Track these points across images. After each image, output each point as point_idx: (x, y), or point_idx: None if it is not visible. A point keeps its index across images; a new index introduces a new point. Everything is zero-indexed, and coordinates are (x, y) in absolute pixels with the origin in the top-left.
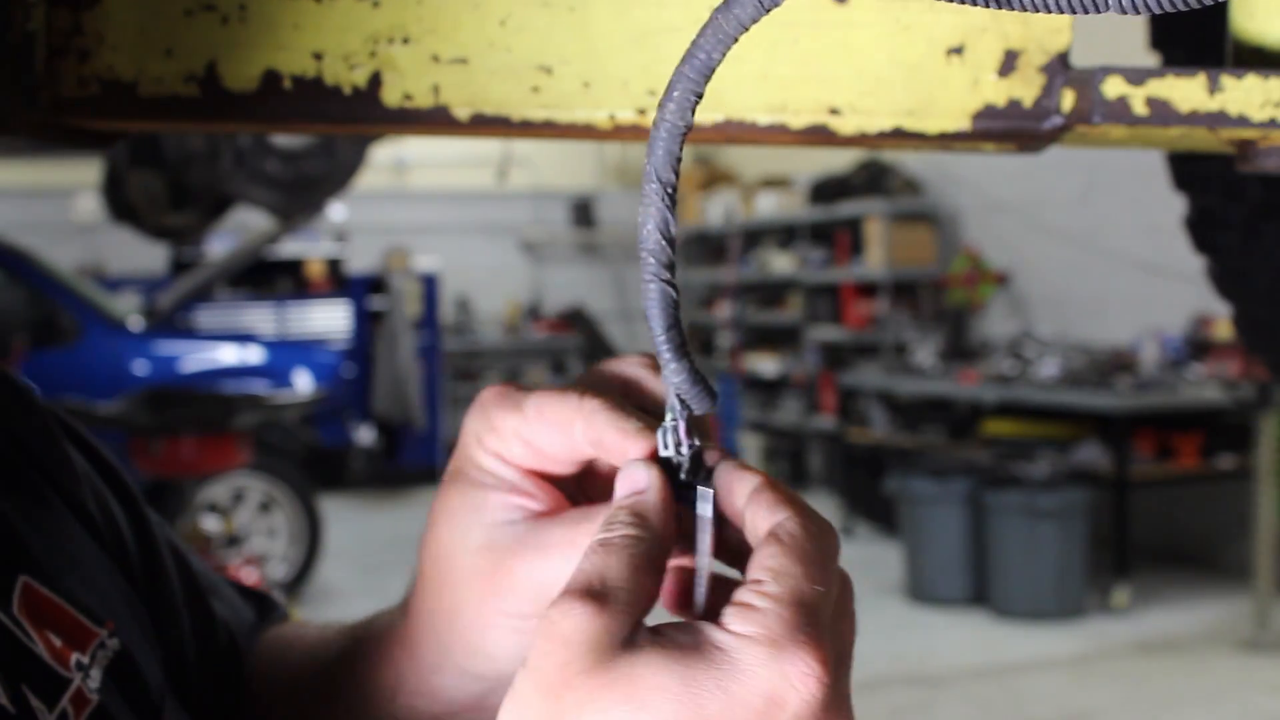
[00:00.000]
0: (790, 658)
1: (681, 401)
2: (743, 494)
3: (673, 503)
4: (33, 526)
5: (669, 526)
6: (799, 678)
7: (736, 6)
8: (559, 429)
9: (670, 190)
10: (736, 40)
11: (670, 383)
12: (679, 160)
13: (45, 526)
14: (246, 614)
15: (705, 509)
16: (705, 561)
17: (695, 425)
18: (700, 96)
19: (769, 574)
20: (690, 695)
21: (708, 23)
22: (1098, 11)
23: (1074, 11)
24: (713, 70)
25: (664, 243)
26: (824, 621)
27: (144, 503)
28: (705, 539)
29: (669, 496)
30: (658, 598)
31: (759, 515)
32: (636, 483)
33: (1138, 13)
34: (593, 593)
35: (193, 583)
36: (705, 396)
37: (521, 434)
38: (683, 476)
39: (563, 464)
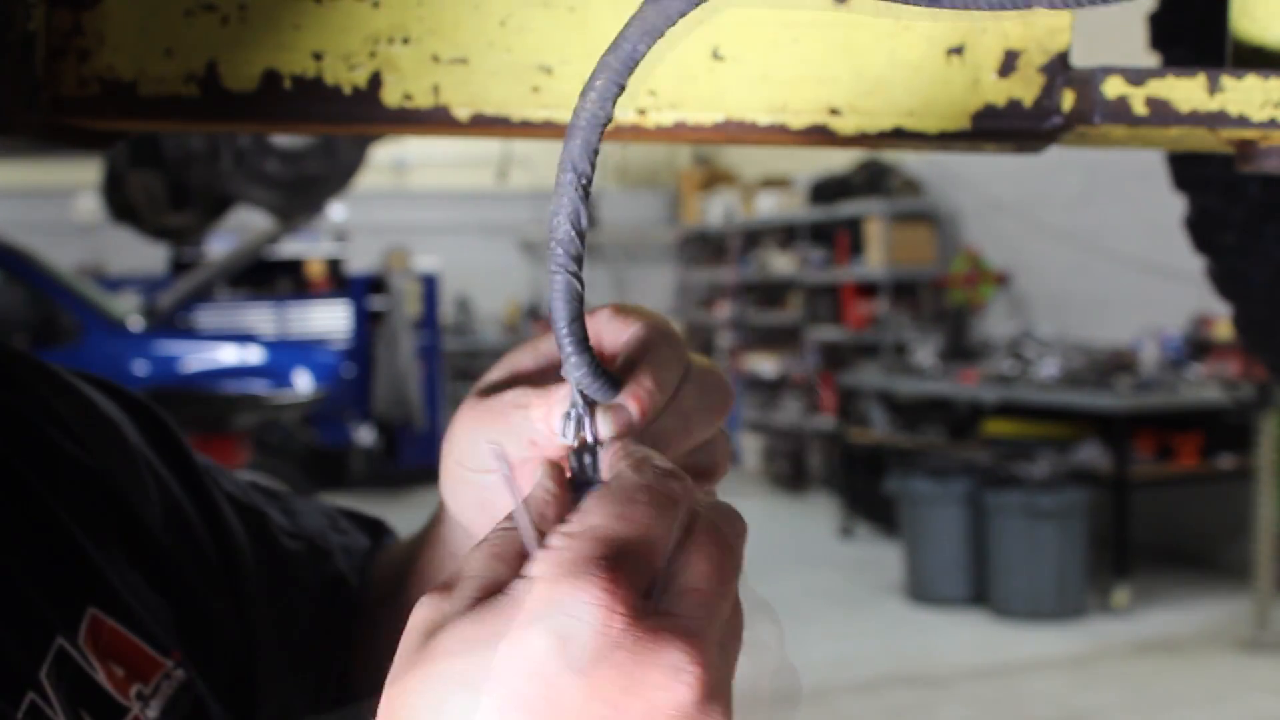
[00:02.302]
0: (570, 589)
1: (583, 395)
2: (607, 461)
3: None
4: (105, 556)
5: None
6: (581, 609)
7: (666, 0)
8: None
9: (585, 182)
10: (663, 34)
11: (571, 376)
12: (596, 152)
13: (120, 555)
14: (361, 542)
15: (501, 471)
16: (523, 524)
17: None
18: (622, 88)
19: (576, 516)
20: (473, 650)
21: (635, 14)
22: (1104, 3)
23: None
24: (637, 62)
25: (574, 234)
26: (627, 554)
27: (220, 495)
28: (522, 518)
29: (558, 493)
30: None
31: (606, 472)
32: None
33: None
34: (443, 584)
35: (278, 556)
36: (607, 388)
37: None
38: (571, 471)
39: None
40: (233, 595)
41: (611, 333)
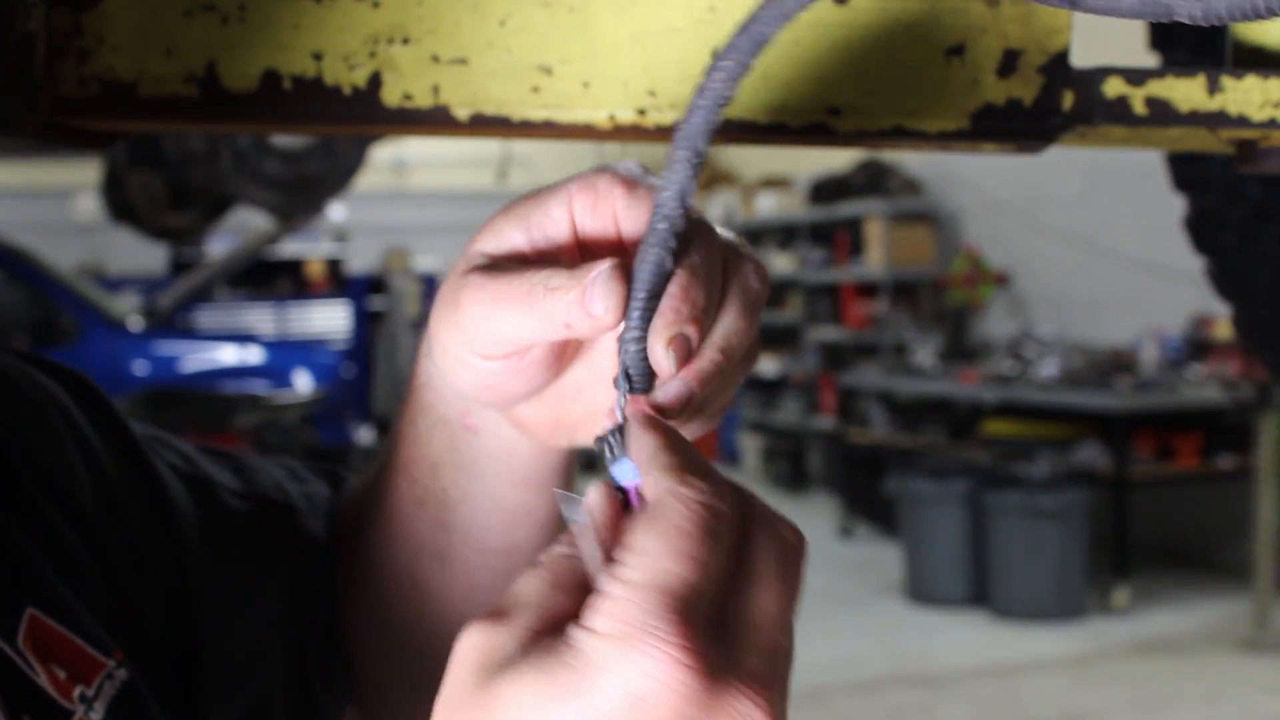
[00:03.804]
0: (644, 650)
1: (627, 374)
2: (639, 453)
3: (619, 517)
4: (44, 553)
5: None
6: (654, 667)
7: None
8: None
9: (698, 160)
10: (793, 18)
11: (626, 350)
12: (714, 132)
13: (55, 551)
14: (321, 489)
15: (575, 513)
16: (593, 563)
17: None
18: (748, 72)
19: (629, 555)
20: (544, 707)
21: None
22: (1165, 19)
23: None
24: (765, 45)
25: (681, 212)
26: (693, 601)
27: (161, 466)
28: (586, 544)
29: (613, 513)
30: (577, 615)
31: (649, 478)
32: (587, 507)
33: (1207, 22)
34: (496, 611)
35: (227, 523)
36: (645, 378)
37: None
38: (609, 457)
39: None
40: (175, 567)
41: (630, 221)
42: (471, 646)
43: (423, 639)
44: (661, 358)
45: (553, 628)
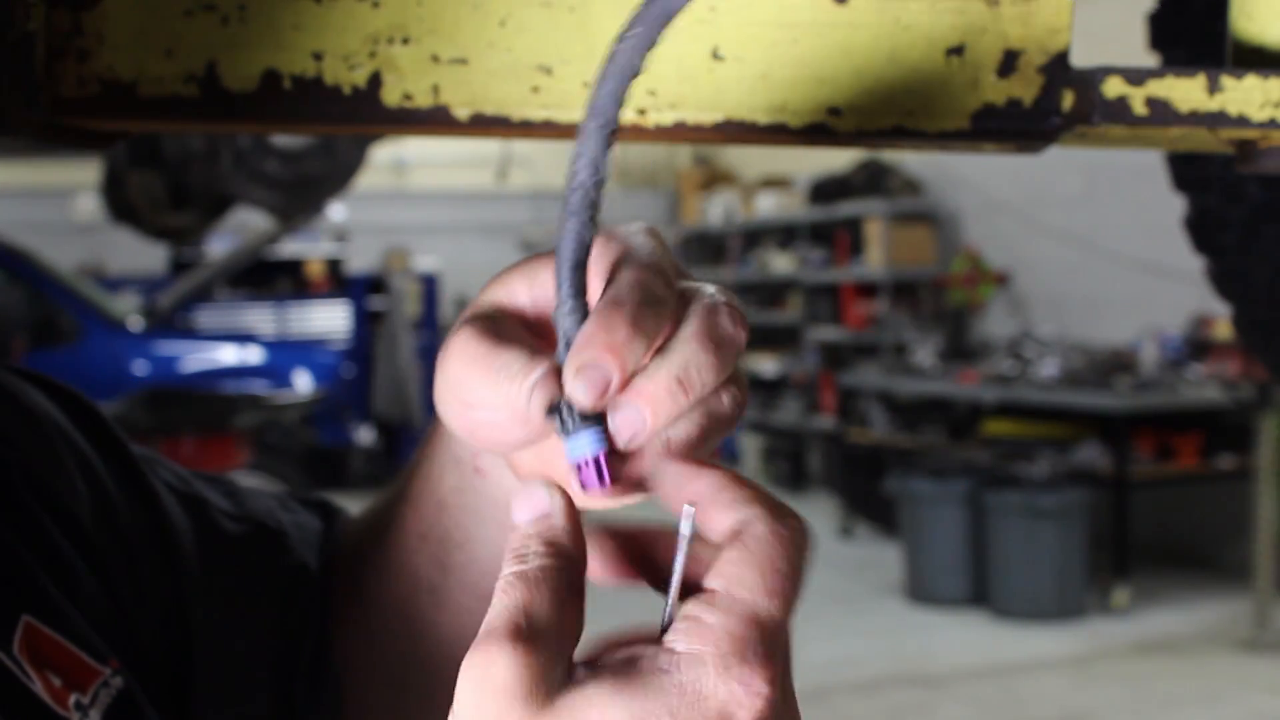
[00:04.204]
0: (740, 678)
1: (567, 344)
2: (699, 491)
3: (579, 519)
4: (40, 560)
5: (581, 547)
6: (749, 698)
7: None
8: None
9: (610, 131)
10: None
11: (561, 324)
12: (623, 103)
13: (51, 560)
14: (312, 521)
15: (686, 528)
16: (677, 582)
17: None
18: (654, 43)
19: (725, 584)
20: None
21: None
22: None
23: None
24: (671, 17)
25: (592, 182)
26: (780, 635)
27: (159, 483)
28: (681, 560)
29: (576, 515)
30: (583, 625)
31: (721, 512)
32: (539, 506)
33: None
34: (520, 634)
35: (223, 544)
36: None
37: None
38: (560, 429)
39: None
40: (172, 584)
41: (598, 273)
42: (510, 677)
43: (413, 674)
44: (572, 388)
45: (575, 643)
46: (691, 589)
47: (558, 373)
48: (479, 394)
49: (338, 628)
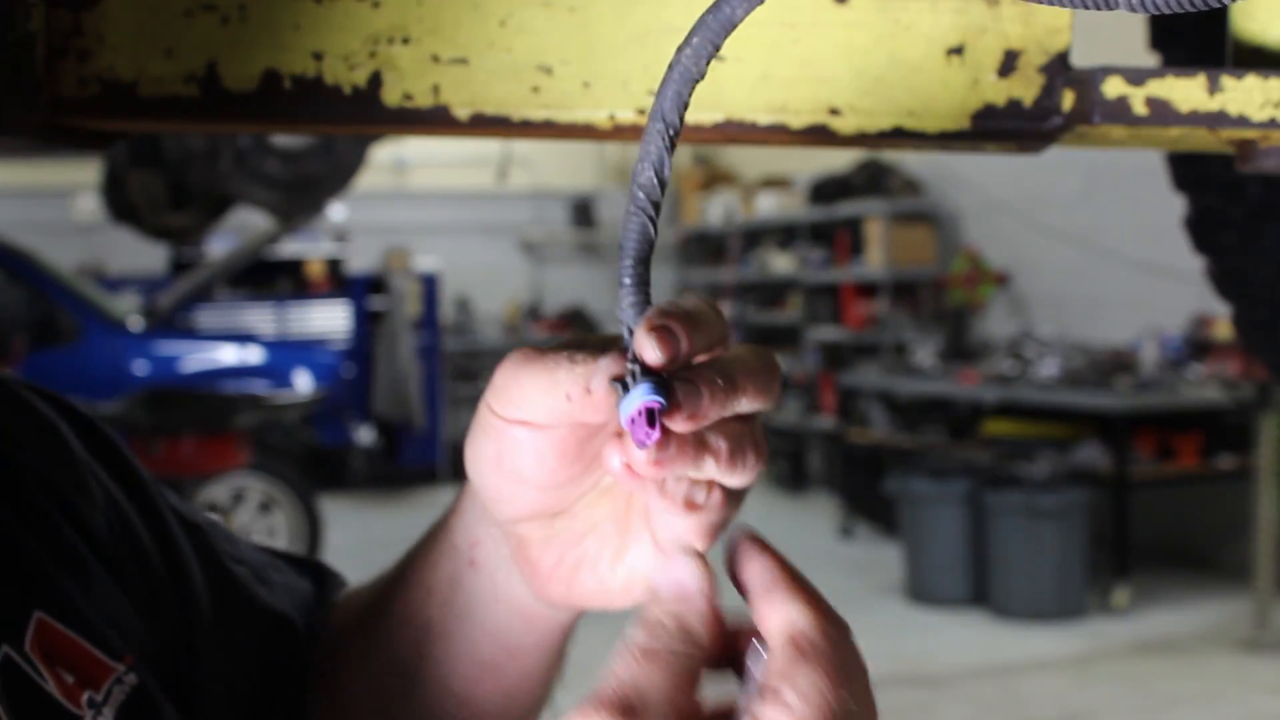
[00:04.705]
0: None
1: (630, 334)
2: (754, 575)
3: (719, 611)
4: (53, 558)
5: (714, 638)
6: None
7: None
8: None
9: (672, 133)
10: (762, 1)
11: (625, 315)
12: (686, 106)
13: (65, 558)
14: (303, 588)
15: (757, 668)
16: (753, 686)
17: None
18: (718, 48)
19: (793, 687)
20: None
21: None
22: (1108, 9)
23: (1083, 7)
24: (734, 25)
25: (656, 182)
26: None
27: (164, 502)
28: (756, 673)
29: (715, 604)
30: (699, 717)
31: (771, 606)
32: (683, 583)
33: (1146, 11)
34: (627, 711)
35: (225, 578)
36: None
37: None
38: (623, 392)
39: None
40: (180, 610)
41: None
42: None
43: None
44: (643, 345)
45: None
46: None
47: (621, 356)
48: (530, 385)
49: (313, 692)
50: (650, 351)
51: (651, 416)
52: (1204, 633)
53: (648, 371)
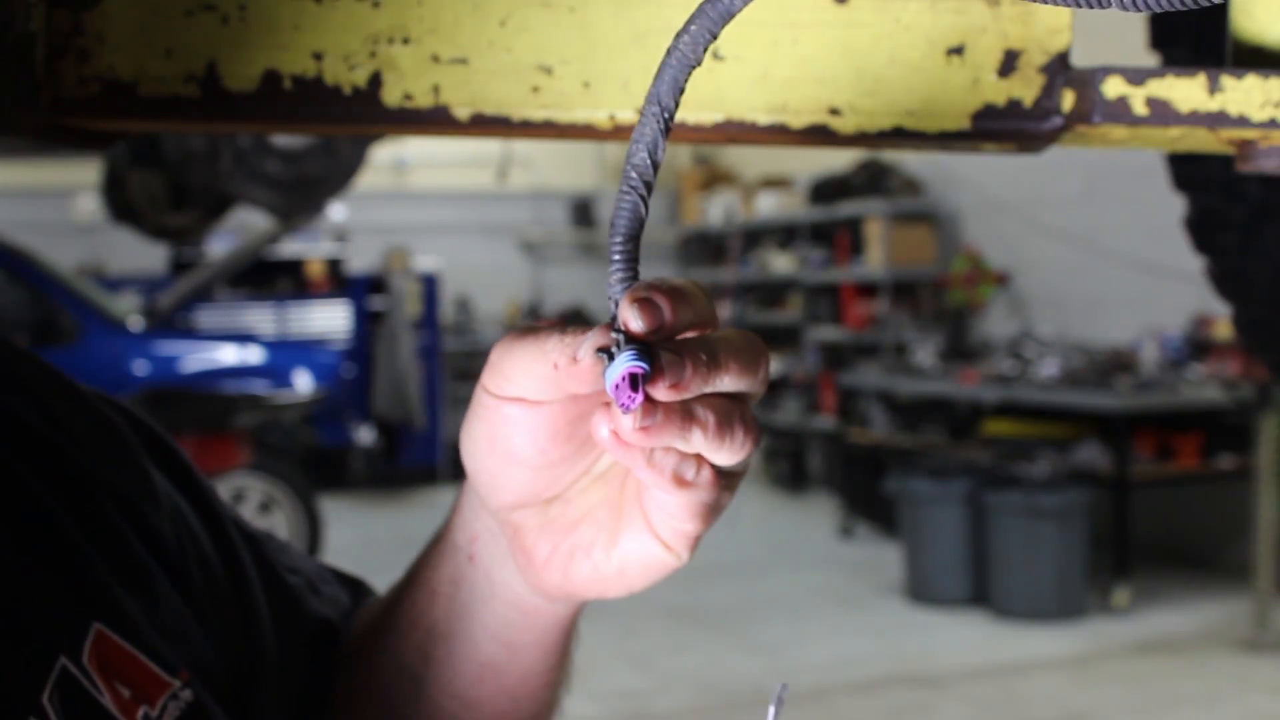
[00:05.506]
0: None
1: (617, 305)
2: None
3: None
4: (113, 568)
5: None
6: None
7: None
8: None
9: (667, 116)
10: None
11: (613, 290)
12: (682, 91)
13: (125, 567)
14: (344, 601)
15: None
16: None
17: None
18: (715, 36)
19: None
20: None
21: None
22: (1100, 7)
23: (1077, 5)
24: (732, 15)
25: (650, 163)
26: None
27: (225, 513)
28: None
29: None
30: None
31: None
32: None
33: (1138, 10)
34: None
35: (280, 588)
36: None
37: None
38: (609, 371)
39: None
40: (242, 622)
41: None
42: None
43: None
44: (627, 314)
45: None
46: None
47: (608, 329)
48: (522, 358)
49: (336, 693)
50: (634, 320)
51: (635, 382)
52: (1204, 633)
53: (632, 341)
